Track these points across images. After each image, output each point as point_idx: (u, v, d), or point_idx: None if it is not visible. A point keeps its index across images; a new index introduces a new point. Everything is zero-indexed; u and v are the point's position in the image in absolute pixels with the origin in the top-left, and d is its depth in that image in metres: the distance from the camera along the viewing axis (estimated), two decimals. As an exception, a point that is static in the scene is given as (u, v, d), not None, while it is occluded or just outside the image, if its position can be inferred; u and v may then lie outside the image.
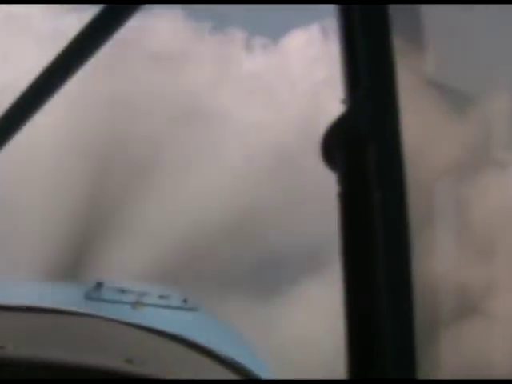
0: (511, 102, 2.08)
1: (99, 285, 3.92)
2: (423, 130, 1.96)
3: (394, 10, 1.88)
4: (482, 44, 2.06)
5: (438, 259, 1.97)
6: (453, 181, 2.04)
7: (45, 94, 2.26)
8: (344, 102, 1.87)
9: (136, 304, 3.69)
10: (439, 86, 2.01)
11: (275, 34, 12.40)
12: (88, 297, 3.76)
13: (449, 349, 1.96)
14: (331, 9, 1.96)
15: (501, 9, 1.99)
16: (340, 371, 1.83)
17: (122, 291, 3.87)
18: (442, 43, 2.04)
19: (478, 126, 2.07)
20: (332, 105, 1.95)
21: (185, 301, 3.91)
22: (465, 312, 2.01)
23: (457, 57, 2.05)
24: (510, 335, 2.01)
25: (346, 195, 1.82)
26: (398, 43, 1.90)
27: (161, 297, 3.87)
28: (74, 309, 3.38)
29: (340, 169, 1.84)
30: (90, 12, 2.21)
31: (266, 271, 10.53)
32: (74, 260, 5.45)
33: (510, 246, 2.06)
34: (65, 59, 2.24)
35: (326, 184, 1.92)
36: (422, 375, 1.77)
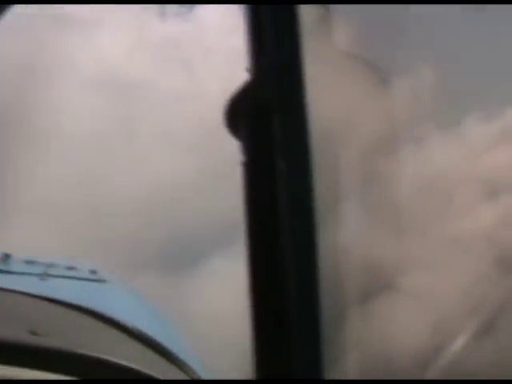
0: (431, 78, 2.09)
1: (6, 256, 3.82)
2: (340, 103, 1.95)
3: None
4: (405, 19, 2.06)
5: (350, 235, 1.96)
6: (368, 155, 2.04)
7: None
8: (248, 70, 1.84)
9: (43, 275, 3.61)
10: (359, 59, 2.00)
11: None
12: (-6, 268, 3.66)
13: (361, 327, 1.95)
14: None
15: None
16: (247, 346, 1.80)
17: (29, 263, 3.78)
18: (364, 15, 2.02)
19: (398, 100, 2.07)
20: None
21: (93, 272, 3.86)
22: (377, 290, 2.00)
23: (378, 30, 2.04)
24: (424, 311, 2.02)
25: (250, 165, 1.81)
26: (316, 14, 1.88)
27: (69, 268, 3.80)
28: None
29: (244, 138, 1.82)
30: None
31: (176, 245, 10.47)
32: None
33: (425, 222, 2.07)
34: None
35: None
36: (329, 368, 1.75)
